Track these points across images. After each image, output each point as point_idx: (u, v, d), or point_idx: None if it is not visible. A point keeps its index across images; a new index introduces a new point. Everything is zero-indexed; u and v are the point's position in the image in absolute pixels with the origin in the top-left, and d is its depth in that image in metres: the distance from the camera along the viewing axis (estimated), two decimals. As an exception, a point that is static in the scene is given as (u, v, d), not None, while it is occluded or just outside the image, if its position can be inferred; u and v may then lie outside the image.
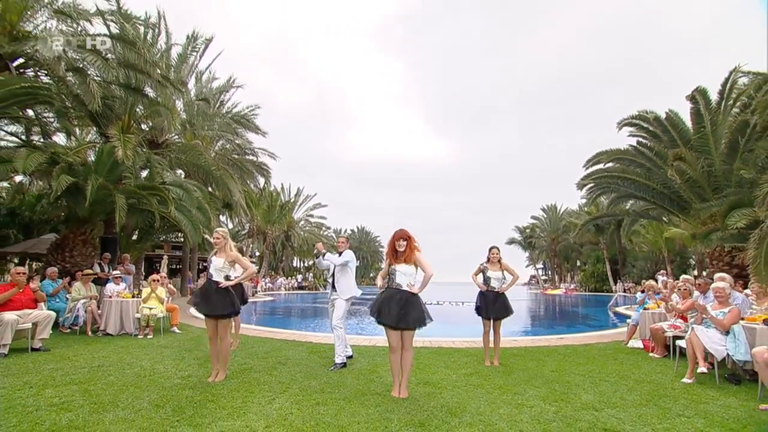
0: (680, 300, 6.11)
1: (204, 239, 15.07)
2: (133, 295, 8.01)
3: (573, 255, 43.96)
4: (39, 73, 10.11)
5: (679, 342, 5.23)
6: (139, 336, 7.20)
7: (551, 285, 45.58)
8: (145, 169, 12.07)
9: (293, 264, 45.54)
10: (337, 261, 5.17)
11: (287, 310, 17.23)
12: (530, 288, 52.17)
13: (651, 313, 6.81)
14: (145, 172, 12.19)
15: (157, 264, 24.52)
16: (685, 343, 4.82)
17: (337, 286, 5.24)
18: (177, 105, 14.33)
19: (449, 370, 4.95)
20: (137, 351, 5.88)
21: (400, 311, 3.81)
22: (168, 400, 3.54)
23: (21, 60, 9.64)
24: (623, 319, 10.72)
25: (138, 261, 16.22)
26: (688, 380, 4.52)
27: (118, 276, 8.37)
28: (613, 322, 12.13)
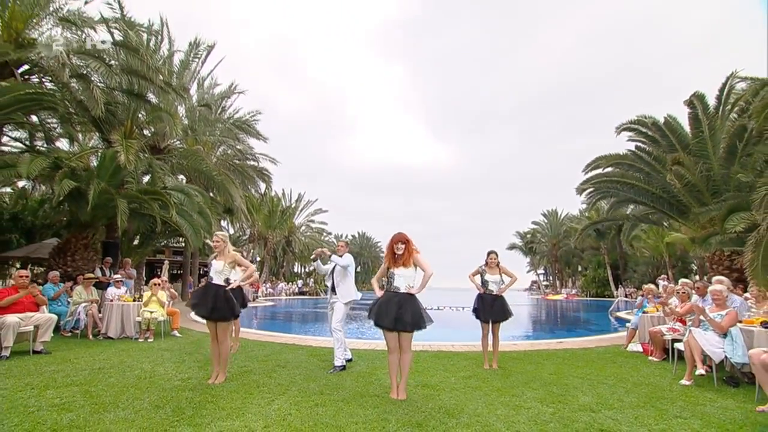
0: (679, 303, 6.12)
1: (205, 244, 15.12)
2: (134, 299, 8.06)
3: (574, 260, 43.85)
4: (43, 80, 10.25)
5: (678, 345, 5.24)
6: (140, 339, 7.22)
7: (552, 290, 45.46)
8: (147, 174, 12.19)
9: (294, 269, 45.51)
10: (341, 261, 5.21)
11: (288, 315, 17.21)
12: (531, 293, 51.98)
13: (650, 317, 6.81)
14: (147, 177, 12.31)
15: (158, 269, 24.48)
16: (683, 346, 4.84)
17: (337, 290, 5.27)
18: (179, 111, 14.47)
19: (448, 373, 4.97)
20: (138, 354, 5.90)
21: (398, 313, 3.84)
22: (168, 401, 3.58)
23: (26, 67, 9.78)
24: (624, 324, 10.69)
25: (139, 266, 16.28)
26: (687, 382, 4.53)
27: (120, 280, 8.42)
28: (614, 327, 12.09)
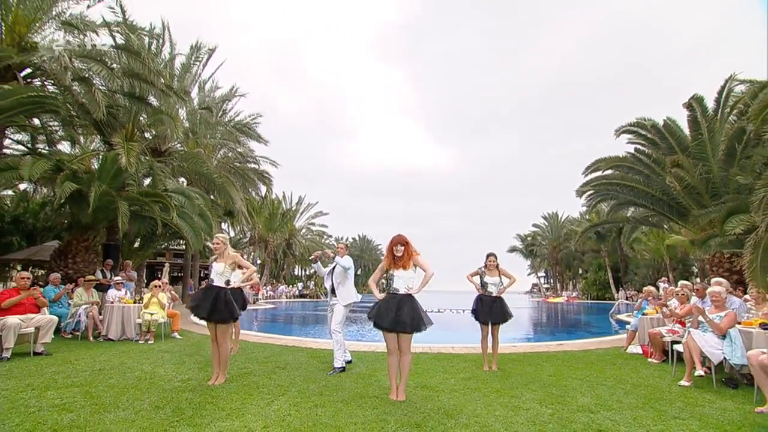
0: (678, 305, 6.13)
1: (205, 246, 15.16)
2: (135, 301, 8.08)
3: (575, 263, 43.83)
4: (45, 83, 10.31)
5: (677, 346, 5.24)
6: (140, 341, 7.24)
7: (553, 293, 45.38)
8: (148, 177, 12.23)
9: (294, 272, 45.51)
10: (344, 263, 5.22)
11: (288, 318, 17.21)
12: (532, 296, 51.88)
13: (649, 319, 6.81)
14: (148, 180, 12.35)
15: (159, 272, 24.58)
16: (682, 347, 4.84)
17: (337, 292, 5.29)
18: (180, 114, 14.53)
19: (447, 375, 4.98)
20: (138, 355, 5.92)
21: (397, 315, 3.86)
22: (168, 402, 3.59)
23: (29, 70, 9.85)
24: (624, 326, 10.67)
25: (140, 268, 16.29)
26: (686, 383, 4.54)
27: (120, 282, 8.44)
28: (615, 330, 12.06)
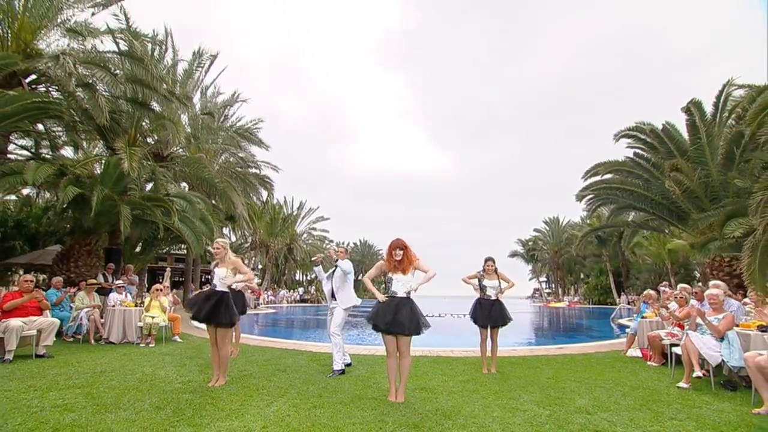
0: (678, 308, 6.14)
1: (206, 251, 15.20)
2: (136, 304, 8.12)
3: (576, 268, 43.66)
4: (50, 89, 10.44)
5: (675, 349, 5.25)
6: (141, 344, 7.27)
7: (554, 298, 45.20)
8: (150, 182, 12.33)
9: (296, 277, 45.47)
10: (344, 266, 5.27)
11: (289, 322, 17.21)
12: (533, 301, 51.71)
13: (649, 322, 6.83)
14: (150, 185, 12.44)
15: (160, 276, 24.66)
16: (681, 349, 4.86)
17: (337, 296, 5.34)
18: (182, 119, 14.66)
19: (446, 377, 5.00)
20: (139, 358, 5.95)
21: (395, 317, 3.90)
22: (168, 403, 3.63)
23: (33, 76, 9.99)
24: (625, 331, 10.64)
25: (141, 273, 16.37)
26: (684, 385, 4.55)
27: (122, 285, 8.49)
28: (617, 334, 12.01)
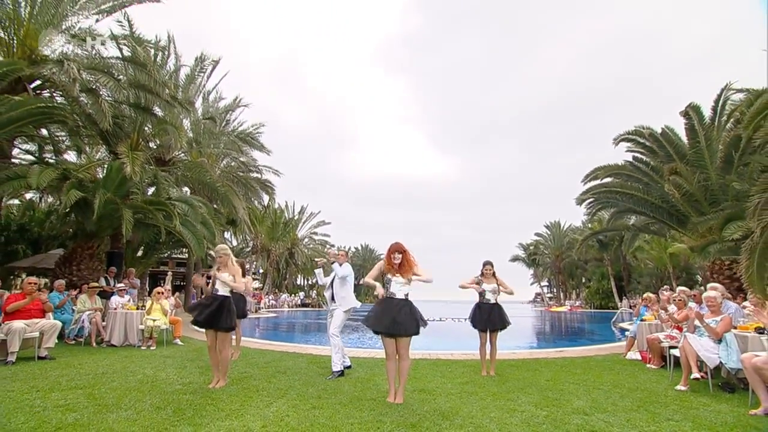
0: (677, 311, 6.15)
1: (208, 255, 15.26)
2: (138, 307, 8.17)
3: (578, 272, 43.62)
4: (54, 94, 10.57)
5: (674, 351, 5.26)
6: (143, 347, 7.31)
7: (556, 302, 45.08)
8: (152, 186, 12.41)
9: (297, 282, 45.45)
10: (341, 272, 5.35)
11: (290, 326, 17.23)
12: (535, 305, 51.60)
13: (648, 325, 6.83)
14: (152, 189, 12.53)
15: (162, 280, 24.82)
16: (679, 352, 4.87)
17: (337, 298, 5.42)
18: (184, 124, 14.79)
19: (445, 379, 5.02)
20: (140, 360, 5.99)
21: (394, 319, 3.93)
22: (169, 403, 3.66)
23: (38, 82, 10.12)
24: (625, 334, 10.63)
25: (142, 277, 16.42)
26: (682, 387, 4.56)
27: (123, 288, 8.54)
28: (618, 338, 11.99)
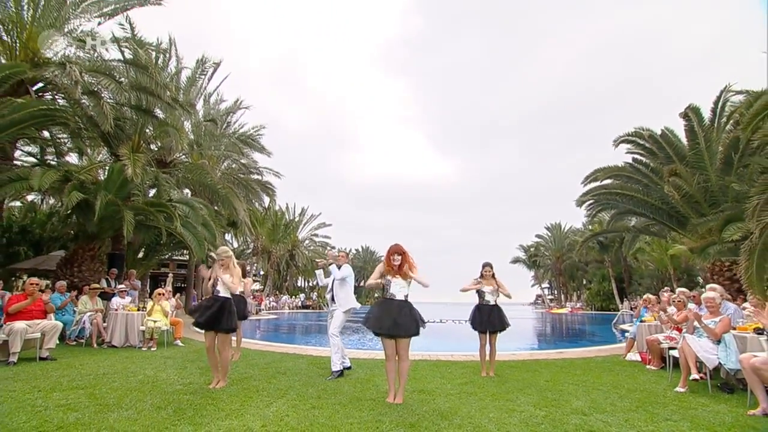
0: (676, 312, 6.16)
1: (208, 256, 15.30)
2: (139, 309, 8.19)
3: (578, 274, 43.54)
4: (56, 96, 10.62)
5: (674, 352, 5.27)
6: (143, 348, 7.33)
7: (557, 304, 45.01)
8: (153, 188, 12.45)
9: (297, 283, 45.46)
10: (338, 274, 5.39)
11: (290, 327, 17.24)
12: (536, 307, 51.54)
13: (648, 326, 6.85)
14: (153, 191, 12.57)
15: (163, 282, 24.86)
16: (678, 353, 4.88)
17: (336, 299, 5.45)
18: (185, 126, 14.85)
19: (444, 380, 5.03)
20: (141, 361, 6.02)
21: (395, 320, 3.96)
22: (169, 403, 3.69)
23: (40, 84, 10.18)
24: (626, 335, 10.62)
25: (143, 278, 16.42)
26: (681, 389, 4.57)
27: (124, 290, 8.57)
28: (619, 340, 11.98)
